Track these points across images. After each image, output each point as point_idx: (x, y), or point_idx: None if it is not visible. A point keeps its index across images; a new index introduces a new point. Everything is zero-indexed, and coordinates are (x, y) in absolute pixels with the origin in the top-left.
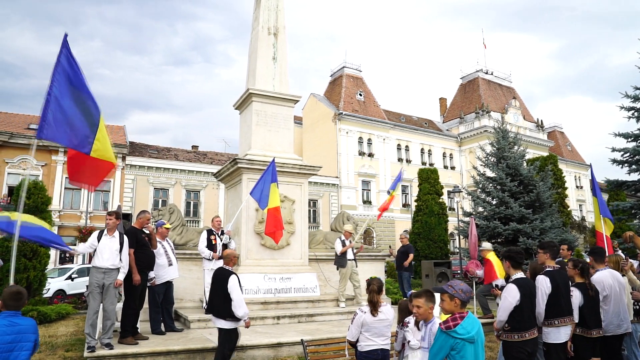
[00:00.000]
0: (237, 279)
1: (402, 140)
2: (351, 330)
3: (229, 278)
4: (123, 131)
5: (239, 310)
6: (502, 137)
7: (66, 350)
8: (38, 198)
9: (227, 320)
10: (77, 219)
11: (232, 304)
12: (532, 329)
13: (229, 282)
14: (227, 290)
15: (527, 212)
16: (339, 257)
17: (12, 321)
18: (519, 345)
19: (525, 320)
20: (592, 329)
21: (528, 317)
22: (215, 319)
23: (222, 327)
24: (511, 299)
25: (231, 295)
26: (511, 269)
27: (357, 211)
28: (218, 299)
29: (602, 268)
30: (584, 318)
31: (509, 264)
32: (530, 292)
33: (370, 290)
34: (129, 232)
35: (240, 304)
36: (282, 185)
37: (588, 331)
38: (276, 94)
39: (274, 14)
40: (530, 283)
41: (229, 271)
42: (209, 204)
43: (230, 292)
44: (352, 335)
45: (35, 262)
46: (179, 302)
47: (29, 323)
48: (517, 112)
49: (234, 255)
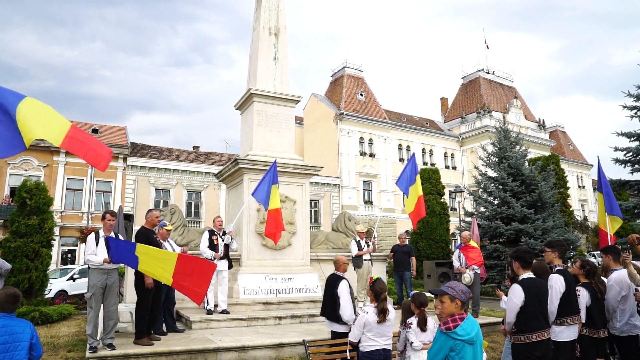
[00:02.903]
0: (347, 283)
1: (404, 140)
2: (353, 331)
3: (339, 283)
4: (124, 132)
5: (344, 313)
6: (503, 136)
7: (68, 350)
8: (40, 199)
9: (340, 324)
10: (78, 219)
11: (340, 307)
12: (539, 331)
13: (339, 287)
14: (336, 294)
15: (529, 212)
16: (354, 258)
17: (5, 323)
18: (526, 348)
19: (531, 322)
20: (599, 328)
21: (533, 318)
22: (328, 322)
23: (335, 330)
24: (516, 300)
25: (340, 300)
26: (520, 269)
27: (359, 211)
28: (329, 303)
29: (618, 268)
30: (592, 318)
31: (518, 264)
32: (537, 293)
33: (381, 299)
34: (140, 232)
35: (346, 308)
36: (283, 186)
37: (596, 331)
38: (277, 94)
39: (274, 14)
40: (539, 283)
41: (340, 276)
42: (210, 204)
43: (339, 295)
44: (355, 336)
45: (37, 263)
46: (180, 303)
47: (23, 324)
48: (518, 111)
49: (343, 262)
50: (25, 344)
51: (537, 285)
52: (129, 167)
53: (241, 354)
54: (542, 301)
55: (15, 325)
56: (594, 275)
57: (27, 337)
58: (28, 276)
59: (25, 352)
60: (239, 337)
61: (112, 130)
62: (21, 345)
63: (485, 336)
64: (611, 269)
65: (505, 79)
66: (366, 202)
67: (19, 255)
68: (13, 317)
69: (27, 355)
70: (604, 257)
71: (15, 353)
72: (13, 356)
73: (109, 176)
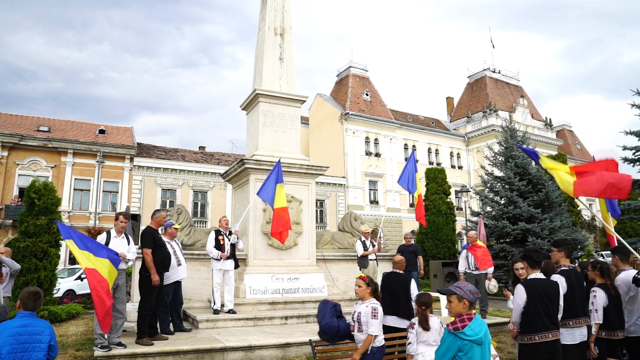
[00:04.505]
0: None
1: (409, 140)
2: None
3: (410, 281)
4: (131, 132)
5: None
6: (510, 136)
7: (77, 349)
8: (48, 199)
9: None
10: (86, 219)
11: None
12: (542, 332)
13: (412, 285)
14: (410, 292)
15: (536, 211)
16: (360, 258)
17: (27, 322)
18: (529, 349)
19: (533, 323)
20: (616, 330)
21: (536, 319)
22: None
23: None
24: (519, 300)
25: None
26: (529, 269)
27: (365, 211)
28: (404, 302)
29: (627, 268)
30: (609, 319)
31: (526, 264)
32: (541, 294)
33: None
34: (146, 232)
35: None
36: (289, 186)
37: (614, 333)
38: (283, 94)
39: (280, 14)
40: (545, 284)
41: (405, 275)
42: (216, 204)
43: (413, 293)
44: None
45: (45, 263)
46: (187, 302)
47: (43, 325)
48: (525, 110)
49: (403, 262)
50: (44, 345)
51: (542, 286)
52: (136, 167)
53: (248, 353)
54: (549, 302)
55: (36, 325)
56: (609, 274)
57: (47, 338)
58: (37, 276)
59: (43, 353)
60: (245, 337)
61: (118, 131)
62: (40, 347)
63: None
64: (619, 269)
65: (511, 78)
66: (372, 202)
67: (27, 255)
68: (34, 316)
69: (46, 356)
70: (613, 257)
71: (33, 354)
72: (31, 356)
73: (116, 177)
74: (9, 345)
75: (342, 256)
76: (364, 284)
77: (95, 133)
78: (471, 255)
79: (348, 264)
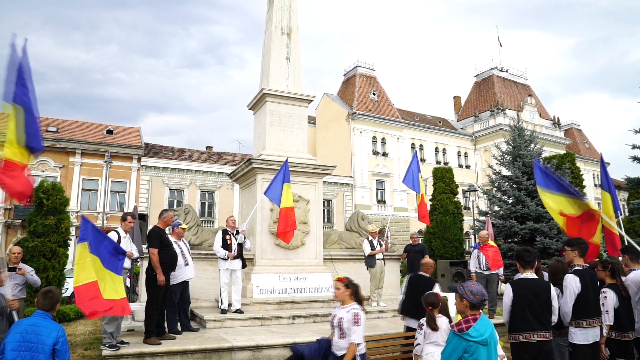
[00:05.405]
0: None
1: (416, 139)
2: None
3: (434, 284)
4: (138, 133)
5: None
6: (517, 135)
7: (85, 349)
8: (56, 199)
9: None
10: (94, 219)
11: None
12: (526, 332)
13: (436, 288)
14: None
15: (544, 210)
16: (367, 257)
17: (36, 321)
18: (515, 348)
19: (517, 322)
20: (627, 331)
21: (521, 318)
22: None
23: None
24: (506, 299)
25: None
26: (520, 269)
27: (372, 211)
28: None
29: (637, 267)
30: (620, 320)
31: (518, 265)
32: (528, 293)
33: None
34: (153, 231)
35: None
36: (296, 185)
37: (625, 334)
38: (290, 93)
39: (287, 14)
40: (535, 283)
41: (431, 278)
42: (223, 204)
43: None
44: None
45: (54, 262)
46: (195, 302)
47: (52, 327)
48: (532, 109)
49: (432, 265)
50: (47, 348)
51: (531, 286)
52: (143, 167)
53: (255, 353)
54: (536, 302)
55: (44, 326)
56: (619, 274)
57: (50, 341)
58: (45, 275)
59: (45, 356)
60: (252, 336)
61: (126, 131)
62: (42, 348)
63: (501, 336)
64: (629, 269)
65: (519, 77)
66: (379, 202)
67: (36, 254)
68: (47, 317)
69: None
70: (622, 256)
71: (36, 355)
72: (33, 357)
73: (124, 176)
74: (15, 342)
75: (349, 256)
76: (342, 286)
77: (103, 133)
78: (482, 255)
79: (355, 264)
